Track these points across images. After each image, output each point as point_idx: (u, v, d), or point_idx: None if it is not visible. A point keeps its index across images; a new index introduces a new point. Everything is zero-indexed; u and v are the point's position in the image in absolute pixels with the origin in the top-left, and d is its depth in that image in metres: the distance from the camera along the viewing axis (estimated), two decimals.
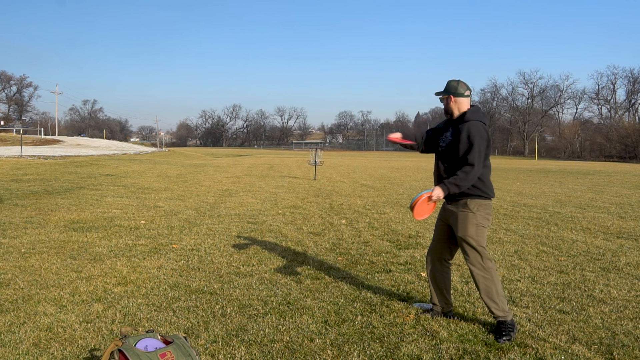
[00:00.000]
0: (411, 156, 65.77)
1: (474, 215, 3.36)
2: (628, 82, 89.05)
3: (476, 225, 3.36)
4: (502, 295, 3.35)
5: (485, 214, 3.39)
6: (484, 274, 3.33)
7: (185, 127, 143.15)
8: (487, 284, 3.32)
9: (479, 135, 3.29)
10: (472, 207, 3.36)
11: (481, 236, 3.36)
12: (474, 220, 3.36)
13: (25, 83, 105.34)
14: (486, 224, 3.41)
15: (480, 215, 3.37)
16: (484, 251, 3.36)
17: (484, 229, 3.39)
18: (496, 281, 3.34)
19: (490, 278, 3.33)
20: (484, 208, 3.39)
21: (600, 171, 28.42)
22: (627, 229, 7.65)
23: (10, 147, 31.15)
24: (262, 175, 18.92)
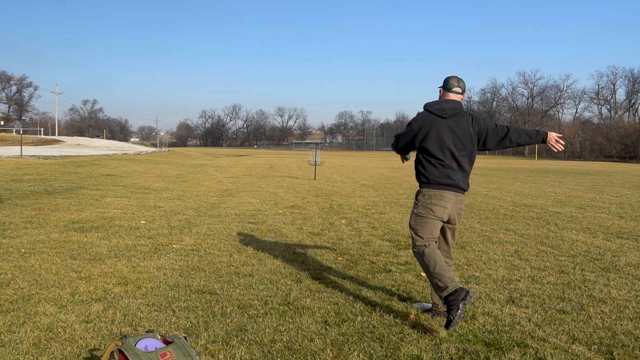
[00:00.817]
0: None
1: (415, 204, 3.58)
2: (628, 82, 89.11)
3: (415, 215, 3.55)
4: (437, 272, 3.31)
5: (428, 203, 3.49)
6: (417, 257, 3.48)
7: (185, 127, 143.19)
8: (422, 266, 3.44)
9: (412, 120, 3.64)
10: (416, 196, 3.59)
11: (419, 224, 3.50)
12: (415, 209, 3.57)
13: (25, 83, 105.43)
14: (427, 213, 3.48)
15: (420, 204, 3.53)
16: (417, 238, 3.49)
17: (424, 218, 3.49)
18: (427, 261, 3.38)
19: (421, 261, 3.45)
20: (427, 197, 3.50)
21: (600, 171, 28.42)
22: (627, 229, 7.65)
23: (10, 147, 31.15)
24: (262, 175, 18.92)
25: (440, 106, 3.53)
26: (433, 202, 3.48)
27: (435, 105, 3.56)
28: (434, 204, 3.48)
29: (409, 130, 3.61)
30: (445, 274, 3.30)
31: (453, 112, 3.52)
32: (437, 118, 3.51)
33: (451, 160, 3.50)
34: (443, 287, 3.25)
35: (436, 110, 3.54)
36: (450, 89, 3.60)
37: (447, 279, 3.28)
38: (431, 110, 3.56)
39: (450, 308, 3.15)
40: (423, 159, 3.55)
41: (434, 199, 3.48)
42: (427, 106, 3.60)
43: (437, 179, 3.49)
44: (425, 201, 3.50)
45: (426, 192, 3.51)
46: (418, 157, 3.62)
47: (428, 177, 3.51)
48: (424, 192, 3.52)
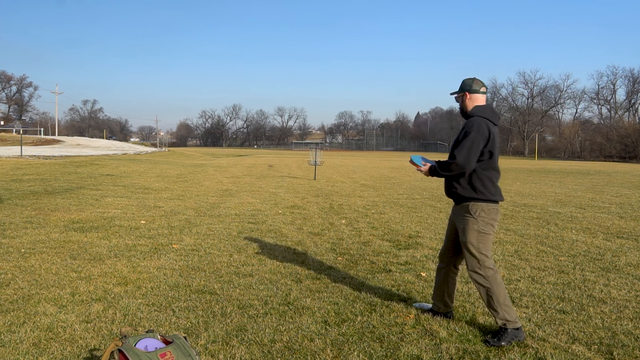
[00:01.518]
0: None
1: (475, 221, 3.26)
2: (628, 82, 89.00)
3: (477, 232, 3.26)
4: (505, 304, 3.21)
5: (489, 219, 3.26)
6: (482, 281, 3.25)
7: (185, 127, 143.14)
8: (487, 292, 3.24)
9: (475, 130, 3.17)
10: (474, 212, 3.26)
11: (482, 243, 3.25)
12: (475, 225, 3.26)
13: (25, 83, 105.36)
14: (489, 230, 3.27)
15: (482, 220, 3.25)
16: (484, 258, 3.25)
17: (487, 235, 3.26)
18: (496, 289, 3.21)
19: (490, 287, 3.22)
20: (487, 213, 3.26)
21: (600, 171, 28.42)
22: (627, 229, 7.65)
23: (10, 147, 31.16)
24: (262, 175, 18.92)
25: (495, 113, 3.32)
26: (493, 218, 3.28)
27: (489, 112, 3.30)
28: (494, 220, 3.30)
29: (479, 142, 3.18)
30: (512, 307, 3.25)
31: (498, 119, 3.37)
32: (493, 126, 3.26)
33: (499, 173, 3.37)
34: (511, 320, 3.19)
35: (492, 117, 3.27)
36: (478, 90, 3.35)
37: (514, 312, 3.24)
38: (488, 117, 3.27)
39: (505, 337, 3.15)
40: (483, 172, 3.25)
41: (493, 214, 3.28)
42: (481, 112, 3.29)
43: (495, 192, 3.29)
44: (486, 216, 3.26)
45: (485, 206, 3.26)
46: (477, 170, 3.26)
47: (490, 190, 3.26)
48: (483, 207, 3.26)
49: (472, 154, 3.17)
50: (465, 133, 3.22)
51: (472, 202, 3.27)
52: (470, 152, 3.17)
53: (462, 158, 3.18)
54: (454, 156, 3.23)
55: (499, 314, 3.20)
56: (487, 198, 3.26)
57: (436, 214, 8.92)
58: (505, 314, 3.19)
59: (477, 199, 3.26)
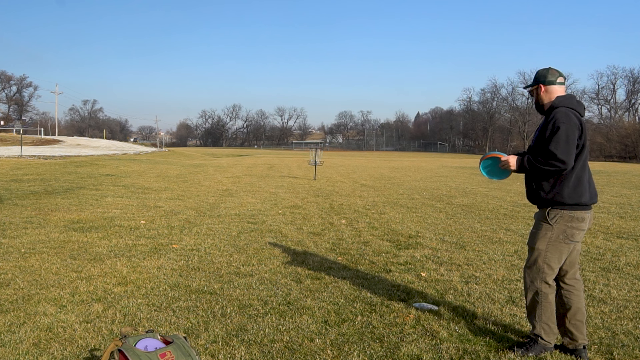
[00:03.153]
0: (411, 156, 65.76)
1: (550, 228, 2.92)
2: (628, 82, 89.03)
3: (548, 239, 2.92)
4: (546, 323, 2.97)
5: (566, 227, 2.89)
6: (532, 291, 3.01)
7: (185, 127, 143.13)
8: (533, 303, 3.02)
9: (566, 122, 2.79)
10: (552, 218, 2.92)
11: (551, 252, 2.92)
12: (549, 233, 2.92)
13: (25, 83, 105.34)
14: (566, 240, 2.90)
15: (559, 228, 2.90)
16: (548, 272, 2.94)
17: (561, 245, 2.90)
18: (543, 307, 2.96)
19: (539, 301, 2.98)
20: (567, 220, 2.90)
21: (600, 171, 28.42)
22: (627, 229, 7.65)
23: (10, 147, 31.15)
24: (262, 175, 18.92)
25: (580, 103, 2.95)
26: (575, 227, 2.89)
27: (574, 102, 2.93)
28: (577, 229, 2.90)
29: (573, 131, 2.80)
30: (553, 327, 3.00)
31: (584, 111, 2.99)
32: (581, 119, 2.89)
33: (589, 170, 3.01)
34: (546, 340, 2.99)
35: (578, 108, 2.91)
36: (554, 81, 3.00)
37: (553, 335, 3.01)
38: (574, 107, 2.90)
39: (534, 349, 2.99)
40: (571, 172, 2.87)
41: (576, 222, 2.90)
42: (566, 102, 2.93)
43: (586, 198, 2.91)
44: (566, 224, 2.89)
45: (567, 213, 2.89)
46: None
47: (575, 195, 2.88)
48: (564, 214, 2.89)
49: (571, 147, 2.78)
50: (554, 126, 2.81)
51: (550, 208, 2.93)
52: (568, 145, 2.77)
53: (563, 153, 2.76)
54: (550, 152, 2.80)
55: (535, 328, 3.03)
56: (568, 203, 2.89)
57: (436, 214, 8.92)
58: (542, 332, 3.00)
59: (555, 204, 2.90)
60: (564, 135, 2.78)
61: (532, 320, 3.05)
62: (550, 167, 2.82)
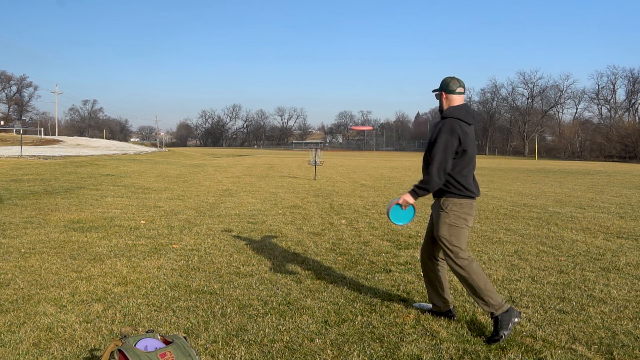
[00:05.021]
0: (411, 156, 65.78)
1: (446, 215, 3.36)
2: (628, 82, 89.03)
3: (449, 225, 3.35)
4: (487, 289, 3.26)
5: (461, 213, 3.34)
6: (460, 272, 3.31)
7: (185, 127, 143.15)
8: (468, 282, 3.30)
9: (447, 132, 3.26)
10: (446, 206, 3.36)
11: (454, 236, 3.34)
12: (447, 219, 3.35)
13: (25, 83, 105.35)
14: (461, 223, 3.35)
15: (454, 214, 3.34)
16: (457, 250, 3.33)
17: (459, 228, 3.35)
18: (475, 277, 3.27)
19: (468, 275, 3.29)
20: (459, 207, 3.35)
21: (600, 171, 28.42)
22: (627, 229, 7.65)
23: (10, 147, 31.15)
24: (262, 175, 18.92)
25: (469, 112, 3.40)
26: (466, 212, 3.36)
27: (462, 112, 3.37)
28: (468, 214, 3.37)
29: (452, 143, 3.28)
30: (495, 291, 3.26)
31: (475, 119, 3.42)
32: (467, 126, 3.35)
33: (474, 168, 3.45)
34: (497, 305, 3.21)
35: (465, 117, 3.36)
36: (454, 90, 3.42)
37: (499, 296, 3.24)
38: (461, 117, 3.35)
39: (501, 325, 3.16)
40: (456, 169, 3.35)
41: (466, 208, 3.36)
42: (455, 113, 3.36)
43: (470, 188, 3.37)
44: (458, 210, 3.34)
45: (457, 201, 3.35)
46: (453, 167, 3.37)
47: (464, 186, 3.34)
48: (455, 202, 3.35)
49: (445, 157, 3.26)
50: (437, 135, 3.31)
51: (443, 198, 3.38)
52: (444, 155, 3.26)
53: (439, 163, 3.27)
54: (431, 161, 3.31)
55: (484, 301, 3.25)
56: (460, 193, 3.34)
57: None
58: (490, 299, 3.23)
59: (450, 194, 3.36)
60: (442, 145, 3.26)
61: (479, 301, 3.27)
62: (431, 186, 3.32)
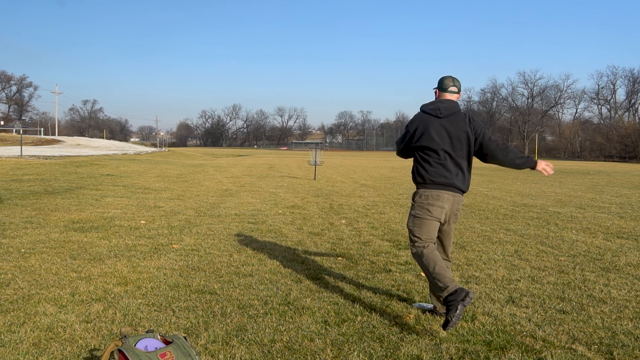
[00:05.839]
0: None
1: (412, 206, 3.59)
2: (628, 82, 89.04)
3: (413, 216, 3.55)
4: (437, 272, 3.29)
5: (425, 204, 3.48)
6: (416, 259, 3.49)
7: (185, 127, 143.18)
8: (422, 267, 3.44)
9: (409, 122, 3.67)
10: (413, 197, 3.60)
11: (417, 226, 3.50)
12: (412, 210, 3.58)
13: (25, 83, 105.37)
14: (424, 214, 3.47)
15: (418, 205, 3.52)
16: (416, 239, 3.48)
17: (422, 219, 3.48)
18: (426, 262, 3.37)
19: (420, 262, 3.44)
20: (424, 198, 3.50)
21: (600, 171, 28.42)
22: (627, 229, 7.65)
23: (10, 147, 31.15)
24: (262, 175, 18.92)
25: (435, 106, 3.55)
26: (430, 203, 3.47)
27: (430, 106, 3.58)
28: (431, 205, 3.47)
29: (406, 133, 3.64)
30: (445, 274, 3.28)
31: (448, 112, 3.50)
32: (432, 118, 3.51)
33: (447, 160, 3.50)
34: (443, 287, 3.23)
35: (431, 110, 3.54)
36: (445, 89, 3.59)
37: (447, 279, 3.26)
38: (426, 110, 3.57)
39: (449, 308, 3.12)
40: (419, 159, 3.56)
41: (431, 199, 3.48)
42: (423, 107, 3.62)
43: (433, 178, 3.49)
44: (422, 202, 3.49)
45: (422, 192, 3.51)
46: (415, 157, 3.62)
47: (424, 177, 3.51)
48: (420, 193, 3.52)
49: (400, 142, 3.72)
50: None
51: (416, 189, 3.61)
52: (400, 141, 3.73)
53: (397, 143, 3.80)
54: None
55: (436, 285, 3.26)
56: (424, 182, 3.52)
57: None
58: (438, 281, 3.25)
59: (417, 184, 3.59)
60: (404, 131, 3.70)
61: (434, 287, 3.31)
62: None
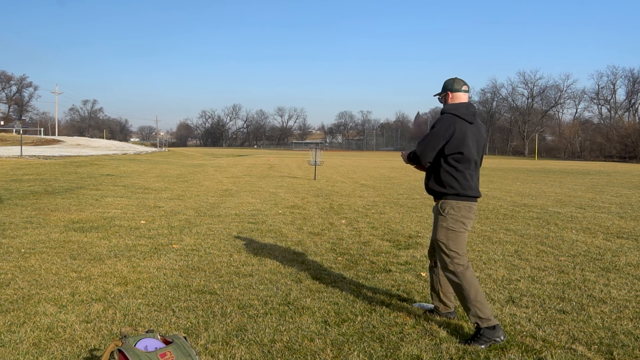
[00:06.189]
0: None
1: (444, 218, 3.28)
2: (628, 82, 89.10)
3: (446, 229, 3.26)
4: (477, 300, 3.15)
5: (459, 216, 3.25)
6: (453, 278, 3.22)
7: (185, 127, 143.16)
8: (458, 289, 3.21)
9: (439, 125, 3.24)
10: (444, 209, 3.28)
11: (452, 240, 3.24)
12: (444, 223, 3.27)
13: (25, 83, 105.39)
14: (459, 227, 3.24)
15: (451, 218, 3.25)
16: (454, 255, 3.23)
17: (457, 232, 3.24)
18: (467, 286, 3.16)
19: (460, 283, 3.18)
20: (457, 210, 3.25)
21: (600, 171, 28.42)
22: (627, 229, 7.64)
23: (10, 147, 31.15)
24: (262, 175, 18.92)
25: (469, 111, 3.28)
26: (464, 215, 3.26)
27: (462, 110, 3.27)
28: (465, 217, 3.26)
29: (439, 137, 3.23)
30: (486, 304, 3.17)
31: (475, 117, 3.32)
32: (467, 124, 3.24)
33: (476, 170, 3.35)
34: (484, 317, 3.12)
35: (465, 115, 3.25)
36: (459, 89, 3.37)
37: (488, 310, 3.15)
38: (460, 115, 3.25)
39: (478, 338, 3.09)
40: (451, 168, 3.25)
41: (464, 211, 3.26)
42: (453, 110, 3.28)
43: (466, 191, 3.25)
44: (456, 214, 3.25)
45: (455, 204, 3.25)
46: (442, 165, 3.28)
47: (457, 188, 3.23)
48: (452, 204, 3.26)
49: (428, 148, 3.25)
50: (432, 126, 3.32)
51: (442, 200, 3.31)
52: (427, 145, 3.25)
53: (419, 149, 3.30)
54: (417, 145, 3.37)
55: (471, 311, 3.15)
56: (457, 193, 3.25)
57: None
58: (478, 310, 3.13)
59: (446, 195, 3.28)
60: (430, 137, 3.25)
61: (467, 310, 3.19)
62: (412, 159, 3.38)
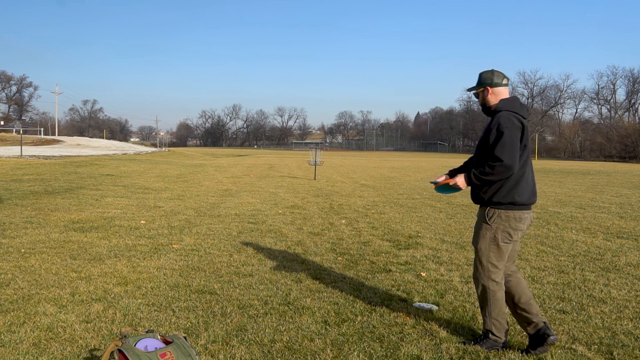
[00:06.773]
0: (411, 156, 65.76)
1: (489, 227, 2.98)
2: (628, 82, 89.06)
3: (489, 240, 2.98)
4: (495, 319, 3.02)
5: (506, 227, 2.94)
6: (482, 290, 3.06)
7: (185, 127, 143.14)
8: (484, 302, 3.07)
9: (509, 126, 2.83)
10: (490, 218, 2.98)
11: (493, 252, 2.97)
12: (489, 232, 2.98)
13: (25, 83, 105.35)
14: (505, 238, 2.95)
15: (499, 228, 2.95)
16: (492, 269, 2.99)
17: (501, 244, 2.97)
18: (493, 304, 3.00)
19: (487, 298, 3.02)
20: (505, 220, 2.94)
21: (600, 171, 28.42)
22: (627, 229, 7.64)
23: (10, 147, 31.15)
24: (262, 175, 18.92)
25: (523, 106, 3.00)
26: (513, 227, 2.94)
27: (517, 105, 2.96)
28: (514, 229, 2.95)
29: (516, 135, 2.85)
30: (504, 324, 3.04)
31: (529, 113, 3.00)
32: (523, 119, 2.93)
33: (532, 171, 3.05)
34: (497, 334, 3.04)
35: (521, 111, 2.94)
36: (500, 83, 3.04)
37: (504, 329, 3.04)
38: (518, 112, 2.93)
39: (485, 343, 3.06)
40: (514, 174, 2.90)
41: (513, 221, 2.94)
42: (509, 106, 2.97)
43: (522, 199, 2.94)
44: (504, 224, 2.94)
45: (504, 214, 2.94)
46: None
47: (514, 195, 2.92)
48: (502, 214, 2.94)
49: (515, 151, 2.83)
50: (498, 131, 2.86)
51: (489, 207, 2.99)
52: (513, 149, 2.82)
53: (509, 158, 2.80)
54: (496, 158, 2.84)
55: (486, 323, 3.08)
56: (514, 203, 2.93)
57: (436, 214, 8.92)
58: (493, 327, 3.04)
59: (494, 204, 2.95)
60: (508, 139, 2.83)
61: (484, 315, 3.11)
62: (497, 173, 2.86)
